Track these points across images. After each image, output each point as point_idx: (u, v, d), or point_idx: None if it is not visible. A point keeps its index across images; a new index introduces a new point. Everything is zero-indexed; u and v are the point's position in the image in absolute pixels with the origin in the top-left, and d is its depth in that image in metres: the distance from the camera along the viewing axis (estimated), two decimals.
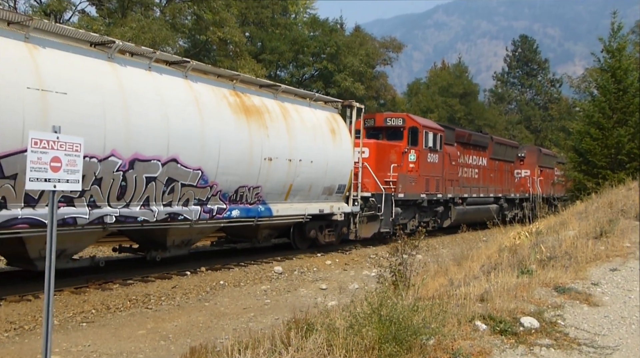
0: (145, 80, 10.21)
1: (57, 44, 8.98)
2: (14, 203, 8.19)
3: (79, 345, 6.90)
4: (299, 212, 13.89)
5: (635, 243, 9.76)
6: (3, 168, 7.90)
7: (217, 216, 11.66)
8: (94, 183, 9.16)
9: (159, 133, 10.08)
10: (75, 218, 8.98)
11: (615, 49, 20.51)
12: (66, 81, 8.71)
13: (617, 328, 5.96)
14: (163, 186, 10.31)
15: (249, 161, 12.05)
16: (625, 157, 19.22)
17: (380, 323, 4.78)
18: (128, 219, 9.86)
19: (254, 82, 13.42)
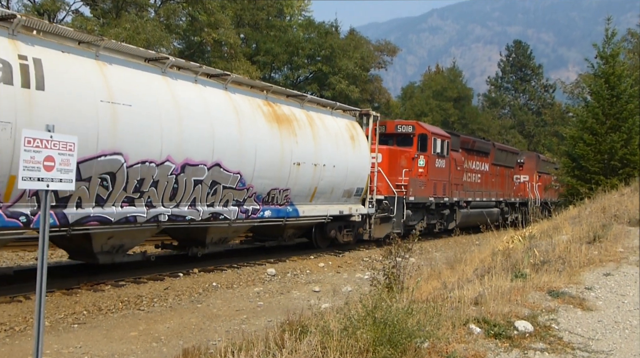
0: (192, 92, 11.28)
1: (120, 60, 10.04)
2: (87, 203, 9.25)
3: (70, 347, 6.84)
4: (321, 213, 14.93)
5: (629, 248, 9.79)
6: (80, 172, 8.78)
7: (252, 216, 12.74)
8: (152, 185, 10.23)
9: (205, 140, 11.12)
10: (136, 216, 10.07)
11: (608, 55, 20.62)
12: (130, 94, 9.74)
13: (611, 333, 5.96)
14: (208, 188, 11.38)
15: (280, 165, 13.11)
16: (618, 162, 19.32)
17: (374, 326, 4.76)
18: (178, 218, 10.92)
19: (283, 92, 14.45)
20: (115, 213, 9.67)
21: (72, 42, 9.39)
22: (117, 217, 9.71)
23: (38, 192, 8.39)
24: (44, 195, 4.60)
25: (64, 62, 8.97)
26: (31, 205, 8.53)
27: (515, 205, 29.03)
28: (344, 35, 40.84)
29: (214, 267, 12.40)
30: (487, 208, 25.00)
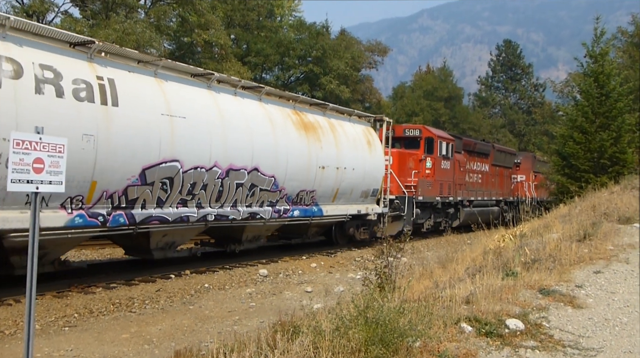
0: (233, 103, 12.48)
1: (174, 77, 11.25)
2: (150, 205, 10.48)
3: (61, 350, 6.80)
4: (342, 212, 16.15)
5: (619, 245, 9.86)
6: (146, 177, 10.13)
7: (283, 215, 13.90)
8: (202, 188, 11.41)
9: (246, 147, 12.32)
10: (188, 216, 11.28)
11: (598, 54, 20.77)
12: (184, 108, 10.93)
13: (601, 330, 6.00)
14: (247, 190, 12.57)
15: (308, 169, 14.30)
16: (607, 161, 19.45)
17: (366, 326, 4.76)
18: (222, 218, 12.09)
19: (307, 102, 15.72)
20: (172, 214, 10.94)
21: (133, 61, 10.52)
22: (173, 217, 10.97)
23: (112, 195, 9.82)
24: (34, 198, 4.57)
25: (131, 80, 10.18)
26: (106, 207, 9.72)
27: (513, 204, 29.93)
28: (335, 36, 40.88)
29: (206, 268, 12.37)
30: (488, 207, 26.26)
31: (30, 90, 8.48)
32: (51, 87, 8.77)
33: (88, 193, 9.32)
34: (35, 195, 4.58)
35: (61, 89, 8.89)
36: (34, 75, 8.58)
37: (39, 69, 8.73)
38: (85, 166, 9.09)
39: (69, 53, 9.40)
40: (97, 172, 9.28)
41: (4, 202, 8.29)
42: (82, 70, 9.36)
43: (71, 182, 8.78)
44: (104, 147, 9.35)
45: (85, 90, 9.18)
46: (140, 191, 10.19)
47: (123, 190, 9.92)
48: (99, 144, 9.23)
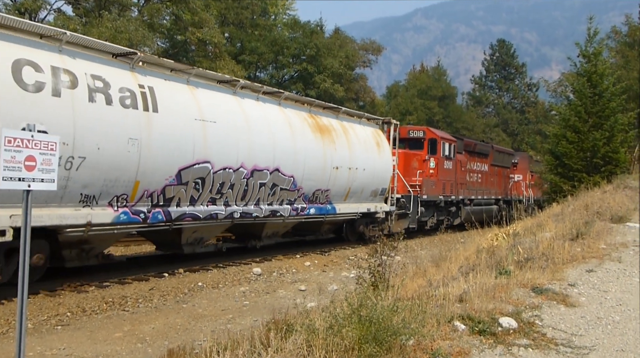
0: (256, 108, 13.30)
1: (203, 84, 12.07)
2: (184, 203, 11.33)
3: (53, 349, 6.77)
4: (353, 211, 17.00)
5: (611, 244, 9.91)
6: (181, 177, 10.98)
7: (301, 213, 14.70)
8: (229, 188, 12.25)
9: (268, 149, 13.14)
10: (217, 213, 12.10)
11: (591, 54, 20.84)
12: (213, 113, 11.76)
13: (594, 329, 6.02)
14: (269, 190, 13.40)
15: (323, 169, 15.11)
16: (600, 160, 19.53)
17: (360, 324, 4.77)
18: (247, 215, 12.93)
19: (321, 105, 16.45)
20: (203, 211, 11.78)
21: (167, 70, 11.35)
22: (204, 214, 11.82)
23: (152, 194, 10.62)
24: (25, 196, 4.54)
25: (167, 88, 11.01)
26: (147, 205, 10.55)
27: (511, 203, 30.43)
28: (329, 35, 40.84)
29: (200, 267, 12.35)
30: (487, 205, 27.06)
31: (84, 99, 9.26)
32: (101, 95, 9.58)
33: (132, 192, 10.19)
34: (27, 193, 4.55)
35: (110, 97, 9.71)
36: (87, 85, 9.38)
37: (91, 79, 9.53)
38: (130, 167, 9.97)
39: (113, 63, 10.20)
40: (140, 172, 10.16)
41: (61, 200, 9.11)
42: (126, 80, 10.16)
43: (118, 182, 9.84)
44: (146, 150, 10.18)
45: (129, 97, 10.01)
46: (176, 190, 11.08)
47: (161, 189, 10.78)
48: (142, 147, 10.09)
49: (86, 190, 9.44)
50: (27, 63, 8.66)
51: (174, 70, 11.48)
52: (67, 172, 9.02)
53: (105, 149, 9.48)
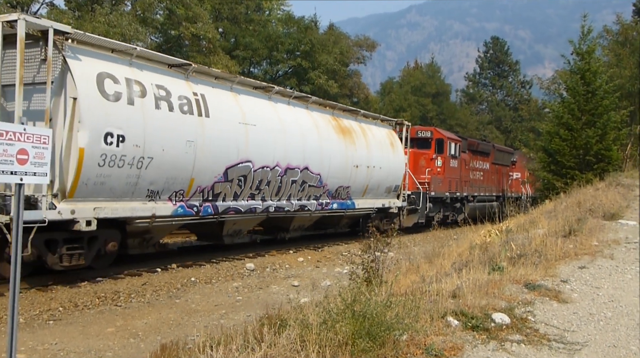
0: (288, 112, 14.60)
1: (244, 90, 13.37)
2: (229, 198, 12.62)
3: (45, 344, 6.74)
4: (370, 206, 18.34)
5: (603, 241, 9.95)
6: (227, 175, 12.30)
7: (325, 208, 16.05)
8: (266, 184, 13.51)
9: (299, 149, 14.42)
10: (256, 207, 13.41)
11: (584, 52, 20.88)
12: (253, 116, 13.02)
13: (586, 325, 6.05)
14: (299, 186, 14.67)
15: (345, 168, 16.39)
16: (592, 157, 19.60)
17: (353, 319, 4.76)
18: (280, 209, 14.21)
19: (342, 108, 17.81)
20: (244, 205, 13.07)
21: (212, 78, 12.59)
22: (245, 208, 13.10)
23: (203, 190, 11.86)
24: (17, 190, 4.50)
25: (215, 95, 12.22)
26: (199, 199, 11.84)
27: (511, 200, 31.23)
28: (323, 31, 40.76)
29: (193, 262, 12.32)
30: (488, 202, 28.19)
31: (152, 106, 10.46)
32: (165, 103, 10.80)
33: (187, 188, 11.46)
34: (19, 187, 4.51)
35: (171, 104, 10.93)
36: (153, 94, 10.59)
37: (156, 88, 10.72)
38: (187, 167, 11.21)
39: (171, 73, 11.43)
40: (195, 171, 11.42)
41: (132, 195, 10.42)
42: (183, 88, 11.41)
43: (177, 179, 11.12)
44: (200, 151, 11.41)
45: (186, 104, 11.26)
46: (223, 187, 12.32)
47: (211, 186, 12.03)
48: (197, 149, 11.33)
49: (152, 186, 10.72)
50: (107, 76, 9.82)
51: (217, 78, 12.73)
52: (138, 171, 10.30)
53: (168, 150, 10.74)
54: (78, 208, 9.44)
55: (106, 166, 9.69)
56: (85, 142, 9.31)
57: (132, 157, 10.06)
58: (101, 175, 9.68)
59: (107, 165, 9.70)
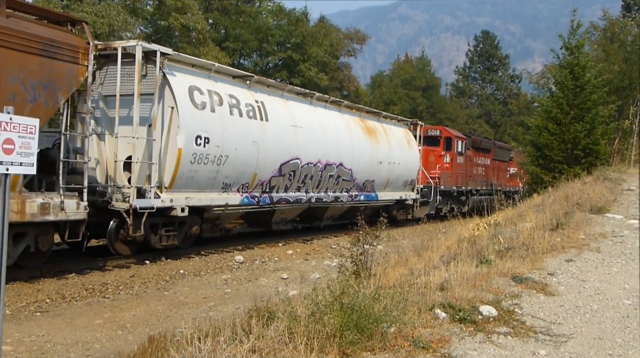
0: (326, 115, 16.77)
1: (291, 96, 15.48)
2: (281, 190, 14.72)
3: (32, 335, 6.71)
4: (390, 198, 20.61)
5: (590, 235, 10.02)
6: (281, 170, 14.37)
7: (354, 199, 18.16)
8: (310, 178, 15.62)
9: (335, 148, 16.48)
10: (301, 199, 15.57)
11: (574, 47, 20.94)
12: (300, 120, 15.16)
13: (572, 317, 6.10)
14: (334, 180, 16.81)
15: (370, 164, 18.53)
16: (581, 152, 19.69)
17: (341, 311, 4.77)
18: (319, 200, 16.37)
19: (367, 110, 20.10)
20: (292, 196, 15.17)
21: (265, 86, 14.63)
22: (293, 199, 15.20)
23: (262, 183, 13.94)
24: (3, 180, 4.45)
25: (271, 101, 14.36)
26: (259, 191, 13.94)
27: (509, 194, 32.11)
28: (314, 23, 40.60)
29: (181, 254, 12.29)
30: (489, 195, 29.32)
31: (227, 113, 12.60)
32: (236, 110, 12.89)
33: (251, 182, 13.59)
34: (5, 177, 4.46)
35: (241, 110, 13.03)
36: (227, 103, 12.70)
37: (229, 97, 12.80)
38: (252, 163, 13.33)
39: (237, 84, 13.55)
40: (258, 167, 13.54)
41: (212, 187, 12.42)
42: (247, 96, 13.53)
43: (244, 174, 13.25)
44: (262, 150, 13.53)
45: (251, 110, 13.39)
46: (277, 180, 14.42)
47: (268, 179, 14.09)
48: (259, 148, 13.45)
49: (226, 179, 12.77)
50: (195, 88, 11.85)
51: (269, 86, 14.83)
52: (218, 167, 12.36)
53: (239, 149, 12.85)
54: (175, 198, 11.48)
55: (195, 163, 11.74)
56: (182, 143, 11.35)
57: (214, 156, 12.16)
58: (192, 170, 11.71)
59: (196, 162, 11.75)
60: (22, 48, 8.74)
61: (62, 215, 9.37)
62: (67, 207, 9.45)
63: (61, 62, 9.35)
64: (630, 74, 25.37)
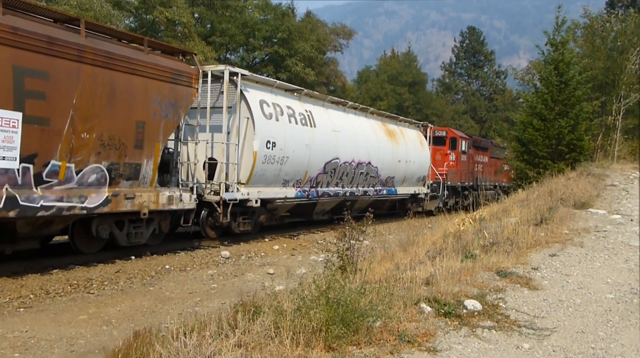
0: (356, 120, 19.13)
1: (329, 105, 17.94)
2: (324, 185, 16.95)
3: (15, 331, 6.65)
4: (406, 192, 22.99)
5: (574, 230, 10.13)
6: (325, 168, 16.67)
7: (379, 193, 20.50)
8: (345, 175, 17.91)
9: (365, 148, 18.82)
10: (338, 193, 17.74)
11: (558, 43, 21.08)
12: (338, 125, 17.53)
13: (555, 311, 6.17)
14: (364, 177, 19.08)
15: (391, 162, 20.86)
16: (565, 147, 19.85)
17: (327, 306, 4.79)
18: (352, 194, 18.54)
19: (387, 115, 22.63)
20: (332, 191, 17.43)
21: (310, 97, 17.01)
22: (332, 193, 17.44)
23: (311, 179, 16.21)
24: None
25: (316, 110, 16.71)
26: (308, 186, 16.18)
27: (504, 188, 33.69)
28: (301, 18, 40.50)
29: (167, 250, 12.23)
30: (487, 190, 31.63)
31: (286, 121, 14.97)
32: (293, 118, 15.26)
33: (303, 178, 15.87)
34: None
35: (296, 119, 15.41)
36: (286, 113, 15.04)
37: (287, 108, 15.17)
38: (304, 163, 15.67)
39: (290, 96, 15.95)
40: (308, 166, 15.90)
41: (274, 183, 14.75)
42: (299, 107, 15.87)
43: (298, 172, 15.57)
44: (312, 152, 15.89)
45: (304, 119, 15.73)
46: (322, 177, 16.72)
47: (315, 176, 16.37)
48: (310, 150, 15.82)
49: (286, 176, 15.11)
50: (263, 101, 14.30)
51: (312, 97, 17.14)
52: (280, 166, 14.75)
53: (296, 151, 15.21)
54: (250, 192, 13.89)
55: (266, 163, 14.16)
56: (257, 147, 13.79)
57: (278, 157, 14.55)
58: (263, 169, 14.10)
59: (266, 162, 14.17)
60: (159, 77, 11.20)
61: (180, 205, 12.03)
62: (184, 199, 12.08)
63: (182, 86, 11.84)
64: (613, 71, 25.60)
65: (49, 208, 9.06)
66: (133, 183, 10.83)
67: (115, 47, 10.31)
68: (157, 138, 11.19)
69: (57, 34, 9.18)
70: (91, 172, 9.85)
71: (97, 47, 9.80)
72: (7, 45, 8.19)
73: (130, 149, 10.58)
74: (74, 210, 9.55)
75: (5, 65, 8.04)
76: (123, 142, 10.41)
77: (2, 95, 7.48)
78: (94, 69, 9.69)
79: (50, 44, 8.90)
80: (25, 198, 8.56)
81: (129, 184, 10.73)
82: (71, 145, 9.26)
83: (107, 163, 10.13)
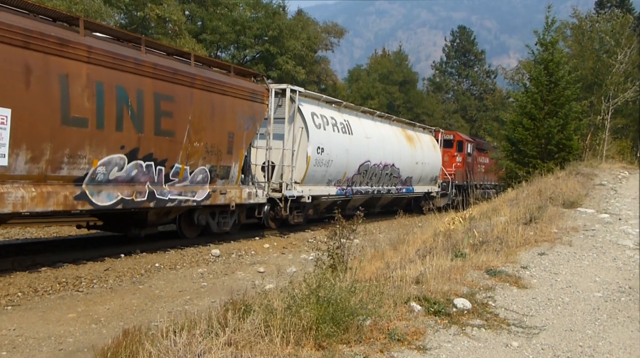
0: (382, 127, 21.60)
1: (362, 115, 20.55)
2: (357, 185, 19.42)
3: (3, 329, 6.60)
4: (421, 191, 25.48)
5: (562, 228, 10.19)
6: (359, 169, 19.11)
7: (399, 191, 22.99)
8: (374, 175, 20.31)
9: (390, 152, 21.24)
10: (368, 191, 20.16)
11: (548, 43, 21.20)
12: (369, 132, 19.90)
13: (544, 310, 6.20)
14: (388, 177, 21.47)
15: (410, 163, 23.27)
16: (554, 147, 19.99)
17: (318, 304, 4.79)
18: (378, 192, 21.01)
19: (405, 122, 25.05)
20: (364, 189, 19.82)
21: (343, 108, 19.20)
22: (364, 191, 19.80)
23: (347, 179, 18.55)
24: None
25: (352, 119, 19.18)
26: (345, 185, 18.50)
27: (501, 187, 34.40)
28: (292, 16, 40.41)
29: (157, 248, 12.19)
30: (488, 189, 34.76)
31: (331, 130, 17.38)
32: (335, 127, 17.68)
33: (342, 178, 18.16)
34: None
35: (338, 128, 17.84)
36: (330, 123, 17.50)
37: (330, 119, 17.57)
38: (343, 165, 17.97)
39: (331, 107, 18.38)
40: (347, 167, 18.28)
41: (320, 182, 17.04)
42: (339, 117, 18.32)
43: (339, 173, 17.94)
44: (350, 156, 18.33)
45: (343, 127, 18.20)
46: (356, 177, 19.08)
47: (352, 177, 18.76)
48: (349, 154, 18.24)
49: (329, 177, 17.48)
50: (314, 114, 16.76)
51: (346, 107, 19.49)
52: (326, 168, 17.14)
53: (338, 156, 17.60)
54: (304, 189, 16.23)
55: (316, 165, 16.59)
56: (311, 152, 16.32)
57: (325, 160, 16.99)
58: (314, 170, 16.53)
59: (317, 165, 16.61)
60: (241, 96, 13.52)
61: (256, 200, 14.42)
62: (258, 195, 14.48)
63: (257, 103, 14.14)
64: (601, 71, 25.79)
65: (173, 201, 11.71)
66: (225, 181, 13.38)
67: (212, 74, 12.73)
68: (241, 146, 13.70)
69: (178, 66, 11.61)
70: (199, 173, 12.42)
71: (202, 74, 12.23)
72: (150, 77, 10.82)
73: (224, 154, 13.09)
74: (188, 203, 12.17)
75: (149, 92, 10.77)
76: (219, 149, 12.91)
77: (146, 115, 10.65)
78: (201, 92, 12.17)
79: (173, 74, 11.39)
80: (159, 192, 11.24)
81: (222, 183, 13.27)
82: (187, 152, 11.88)
83: (209, 165, 12.63)
